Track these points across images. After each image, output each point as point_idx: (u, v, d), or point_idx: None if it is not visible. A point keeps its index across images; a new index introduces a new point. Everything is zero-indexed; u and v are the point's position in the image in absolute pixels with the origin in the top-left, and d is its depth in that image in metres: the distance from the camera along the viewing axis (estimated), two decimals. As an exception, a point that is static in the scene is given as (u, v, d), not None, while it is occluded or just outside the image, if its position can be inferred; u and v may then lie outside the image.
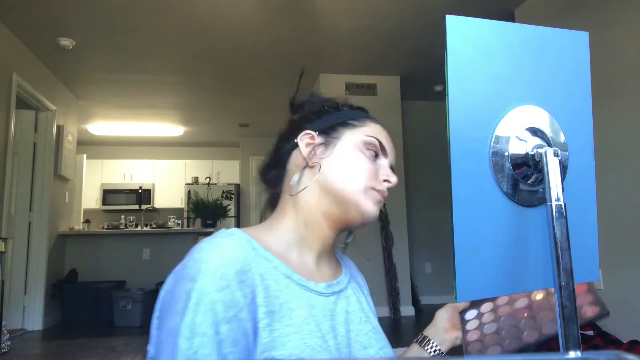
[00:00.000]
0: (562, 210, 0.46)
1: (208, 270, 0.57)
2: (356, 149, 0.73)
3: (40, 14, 3.80)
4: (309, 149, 0.74)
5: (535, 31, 0.52)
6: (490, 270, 0.48)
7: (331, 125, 0.75)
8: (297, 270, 0.69)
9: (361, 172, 0.72)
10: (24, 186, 4.65)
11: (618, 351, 0.31)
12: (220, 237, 0.63)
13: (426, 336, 0.87)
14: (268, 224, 0.74)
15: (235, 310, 0.57)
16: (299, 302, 0.64)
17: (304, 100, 0.83)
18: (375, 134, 0.76)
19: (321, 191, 0.72)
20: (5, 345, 3.60)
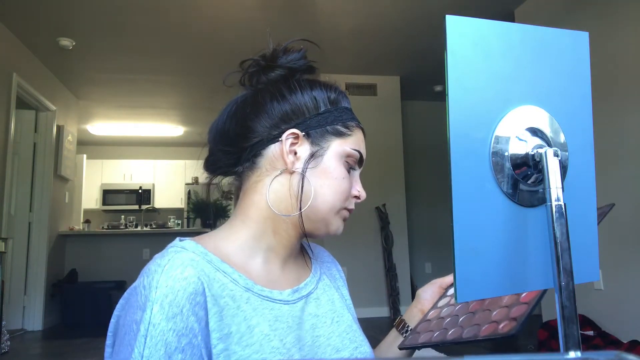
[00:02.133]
0: (562, 210, 0.46)
1: (157, 298, 0.54)
2: (340, 163, 0.68)
3: (40, 14, 3.80)
4: (292, 155, 0.67)
5: (535, 31, 0.52)
6: (490, 270, 0.48)
7: (322, 131, 0.69)
8: (260, 279, 0.65)
9: (341, 193, 0.68)
10: (24, 186, 4.66)
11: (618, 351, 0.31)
12: (171, 255, 0.58)
13: (403, 320, 0.84)
14: (229, 228, 0.68)
15: (189, 337, 0.54)
16: (261, 317, 0.61)
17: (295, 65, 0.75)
18: (359, 145, 0.71)
19: (296, 202, 0.66)
20: (5, 345, 3.60)
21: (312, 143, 0.68)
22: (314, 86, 0.72)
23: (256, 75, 0.74)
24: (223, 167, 0.72)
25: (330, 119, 0.70)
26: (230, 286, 0.60)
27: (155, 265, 0.57)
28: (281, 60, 0.75)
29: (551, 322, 3.21)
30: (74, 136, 5.69)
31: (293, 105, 0.69)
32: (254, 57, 0.75)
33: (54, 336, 4.43)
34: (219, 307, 0.58)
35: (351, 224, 5.04)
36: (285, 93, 0.70)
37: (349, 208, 0.70)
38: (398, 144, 5.33)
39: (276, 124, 0.68)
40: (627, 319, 2.89)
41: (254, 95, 0.72)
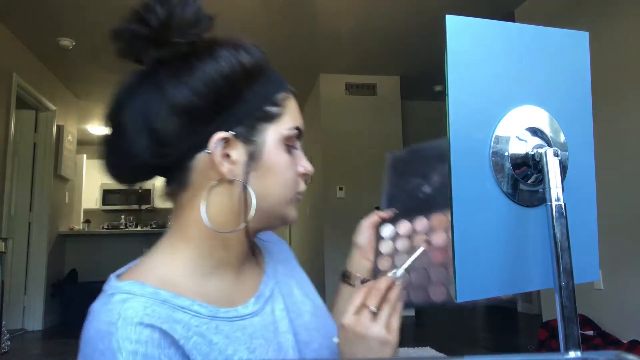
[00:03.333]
0: (562, 210, 0.46)
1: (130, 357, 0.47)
2: (281, 151, 0.59)
3: (40, 14, 3.80)
4: (226, 162, 0.56)
5: (535, 31, 0.52)
6: (490, 270, 0.48)
7: (251, 122, 0.57)
8: (221, 299, 0.58)
9: (290, 184, 0.60)
10: (24, 186, 4.65)
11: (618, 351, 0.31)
12: (117, 307, 0.50)
13: (347, 271, 0.80)
14: (169, 250, 0.58)
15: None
16: (236, 342, 0.55)
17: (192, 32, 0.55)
18: (295, 119, 0.60)
19: (243, 209, 0.57)
20: (5, 345, 3.60)
21: (246, 141, 0.56)
22: (220, 55, 0.56)
23: (141, 52, 0.57)
24: (138, 179, 0.60)
25: (257, 103, 0.57)
26: (194, 322, 0.53)
27: (106, 325, 0.49)
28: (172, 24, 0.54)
29: (551, 322, 3.21)
30: (74, 136, 5.69)
31: (207, 94, 0.54)
32: (130, 25, 0.56)
33: (54, 336, 4.43)
34: (191, 347, 0.51)
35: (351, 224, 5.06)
36: (196, 78, 0.54)
37: (302, 190, 0.62)
38: (398, 144, 5.32)
39: (196, 125, 0.55)
40: (627, 319, 2.89)
41: (152, 84, 0.56)
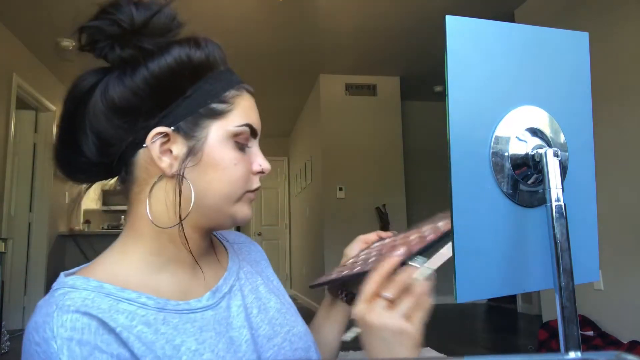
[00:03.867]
0: (562, 211, 0.46)
1: (60, 347, 0.46)
2: (226, 147, 0.58)
3: (40, 14, 3.80)
4: (166, 157, 0.56)
5: (535, 31, 0.52)
6: (490, 271, 0.48)
7: (193, 118, 0.56)
8: (173, 293, 0.58)
9: (236, 181, 0.58)
10: (24, 186, 4.66)
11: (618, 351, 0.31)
12: (58, 299, 0.50)
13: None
14: (120, 249, 0.59)
15: None
16: (184, 334, 0.54)
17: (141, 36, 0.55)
18: (247, 115, 0.60)
19: (187, 205, 0.57)
20: (5, 345, 3.60)
21: (186, 136, 0.56)
22: (170, 51, 0.56)
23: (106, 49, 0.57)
24: (91, 178, 0.62)
25: (202, 99, 0.57)
26: (140, 312, 0.53)
27: (41, 317, 0.48)
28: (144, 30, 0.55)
29: (551, 323, 3.21)
30: (74, 136, 5.69)
31: (149, 92, 0.55)
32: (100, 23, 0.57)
33: (54, 336, 4.43)
34: (134, 335, 0.51)
35: (351, 224, 5.04)
36: (137, 77, 0.55)
37: (253, 189, 0.61)
38: (398, 144, 5.33)
39: (135, 123, 0.56)
40: (627, 319, 2.89)
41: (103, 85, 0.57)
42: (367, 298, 0.51)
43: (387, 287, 0.50)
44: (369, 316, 0.50)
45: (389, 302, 0.50)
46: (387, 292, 0.50)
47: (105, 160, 0.58)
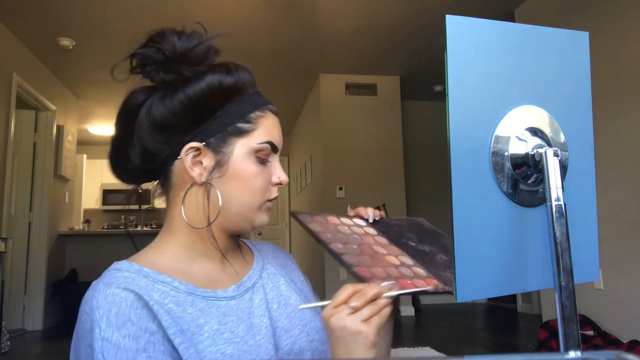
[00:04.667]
0: (562, 210, 0.46)
1: (101, 316, 0.56)
2: (249, 162, 0.67)
3: (40, 14, 3.80)
4: (197, 167, 0.66)
5: (535, 31, 0.52)
6: (490, 270, 0.48)
7: (222, 136, 0.66)
8: (203, 282, 0.67)
9: (256, 192, 0.67)
10: (24, 186, 4.65)
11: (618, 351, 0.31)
12: (106, 278, 0.61)
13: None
14: (159, 244, 0.69)
15: (146, 337, 0.57)
16: (208, 316, 0.63)
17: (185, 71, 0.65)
18: (269, 133, 0.68)
19: (213, 212, 0.67)
20: (5, 345, 3.60)
21: (215, 151, 0.66)
22: (205, 78, 0.65)
23: (152, 72, 0.66)
24: (137, 180, 0.74)
25: (230, 119, 0.66)
26: (172, 294, 0.62)
27: (92, 291, 0.59)
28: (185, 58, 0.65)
29: (551, 322, 3.22)
30: (74, 136, 5.69)
31: (184, 112, 0.65)
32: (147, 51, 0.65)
33: (54, 336, 4.43)
34: (165, 309, 0.60)
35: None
36: (175, 100, 0.65)
37: (271, 199, 0.70)
38: (398, 144, 5.33)
39: (172, 138, 0.66)
40: (627, 319, 2.89)
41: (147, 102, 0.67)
42: (335, 304, 0.58)
43: (356, 298, 0.58)
44: (332, 319, 0.57)
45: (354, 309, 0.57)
46: (354, 302, 0.57)
47: (148, 167, 0.69)
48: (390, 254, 0.76)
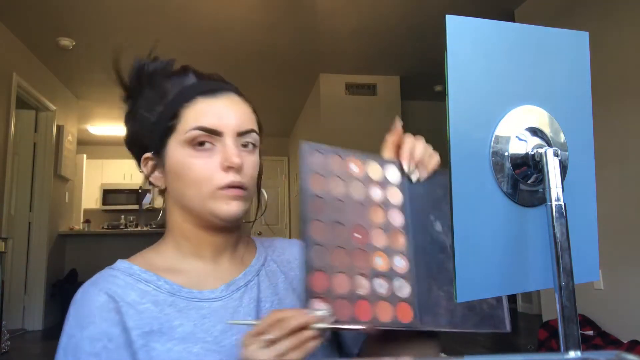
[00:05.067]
0: (562, 210, 0.46)
1: (72, 312, 0.61)
2: (184, 154, 0.65)
3: (40, 14, 3.80)
4: (157, 173, 0.70)
5: (535, 31, 0.52)
6: (490, 270, 0.48)
7: (159, 141, 0.68)
8: (191, 281, 0.67)
9: (198, 182, 0.65)
10: (24, 186, 4.65)
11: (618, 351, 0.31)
12: (95, 276, 0.65)
13: None
14: (159, 242, 0.73)
15: (104, 341, 0.59)
16: (185, 318, 0.63)
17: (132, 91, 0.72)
18: (196, 121, 0.65)
19: (179, 209, 0.69)
20: (5, 345, 3.60)
21: (159, 156, 0.68)
22: (146, 86, 0.70)
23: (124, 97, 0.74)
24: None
25: (163, 123, 0.67)
26: (152, 293, 0.64)
27: (80, 287, 0.65)
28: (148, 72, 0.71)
29: (551, 322, 3.21)
30: (74, 136, 5.69)
31: (138, 124, 0.70)
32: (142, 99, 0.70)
33: (54, 336, 4.42)
34: (136, 310, 0.62)
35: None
36: (131, 114, 0.71)
37: (222, 185, 0.64)
38: (398, 144, 5.32)
39: (138, 150, 0.71)
40: (627, 319, 2.89)
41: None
42: (252, 334, 0.54)
43: (275, 329, 0.52)
44: (246, 350, 0.53)
45: (271, 341, 0.52)
46: (271, 334, 0.52)
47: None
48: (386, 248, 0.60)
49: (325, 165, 0.61)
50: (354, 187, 0.62)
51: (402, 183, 0.65)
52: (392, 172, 0.65)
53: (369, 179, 0.63)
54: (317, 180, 0.59)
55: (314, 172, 0.59)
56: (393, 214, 0.63)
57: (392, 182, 0.65)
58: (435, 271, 0.62)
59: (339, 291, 0.56)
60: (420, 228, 0.63)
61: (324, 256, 0.57)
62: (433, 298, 0.60)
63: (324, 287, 0.55)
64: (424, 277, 0.61)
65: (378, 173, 0.64)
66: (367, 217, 0.61)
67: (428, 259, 0.62)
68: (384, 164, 0.65)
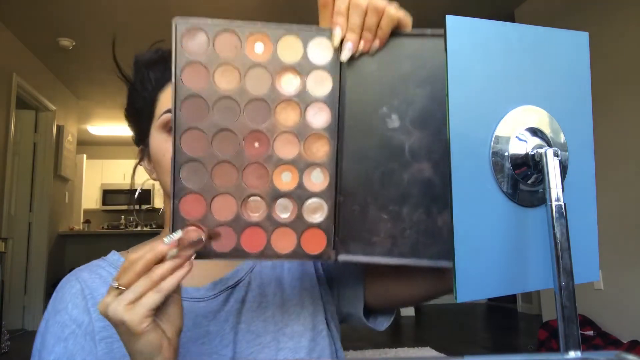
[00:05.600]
0: (562, 211, 0.46)
1: (52, 299, 0.62)
2: (161, 140, 0.63)
3: (40, 14, 3.80)
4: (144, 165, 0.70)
5: (535, 31, 0.52)
6: (490, 271, 0.48)
7: (145, 129, 0.66)
8: None
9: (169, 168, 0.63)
10: (24, 186, 4.65)
11: (618, 351, 0.31)
12: (83, 265, 0.66)
13: None
14: (155, 237, 0.71)
15: (73, 327, 0.59)
16: None
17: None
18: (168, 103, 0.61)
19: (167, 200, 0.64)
20: (5, 345, 3.60)
21: (144, 146, 0.68)
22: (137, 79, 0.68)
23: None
24: None
25: (146, 111, 0.65)
26: None
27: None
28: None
29: (551, 322, 3.21)
30: (74, 136, 5.69)
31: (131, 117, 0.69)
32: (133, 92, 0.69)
33: (54, 336, 4.42)
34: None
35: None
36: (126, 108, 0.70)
37: None
38: (398, 144, 5.32)
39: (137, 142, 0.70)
40: (627, 319, 2.89)
41: None
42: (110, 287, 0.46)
43: (121, 274, 0.45)
44: (104, 307, 0.45)
45: (117, 291, 0.44)
46: (118, 280, 0.45)
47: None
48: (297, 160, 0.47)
49: (210, 49, 0.47)
50: (253, 78, 0.46)
51: (334, 63, 0.47)
52: (319, 48, 0.47)
53: (279, 62, 0.46)
54: (195, 73, 0.45)
55: (192, 62, 0.45)
56: (313, 112, 0.47)
57: (318, 64, 0.47)
58: (377, 186, 0.47)
59: (220, 218, 0.46)
60: (362, 126, 0.47)
61: (200, 175, 0.46)
62: (368, 221, 0.47)
63: (198, 213, 0.45)
64: (356, 193, 0.47)
65: (295, 52, 0.46)
66: (272, 118, 0.46)
67: (367, 169, 0.47)
68: (310, 36, 0.46)
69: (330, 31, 0.46)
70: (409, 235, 0.47)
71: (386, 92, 0.47)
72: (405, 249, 0.48)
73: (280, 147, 0.46)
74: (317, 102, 0.46)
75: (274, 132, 0.46)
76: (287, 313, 0.66)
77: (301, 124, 0.46)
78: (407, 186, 0.46)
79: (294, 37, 0.46)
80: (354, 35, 0.46)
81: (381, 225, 0.47)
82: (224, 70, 0.45)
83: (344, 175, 0.47)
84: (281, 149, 0.46)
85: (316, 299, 0.68)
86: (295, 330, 0.64)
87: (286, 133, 0.46)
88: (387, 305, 0.70)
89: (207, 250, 0.46)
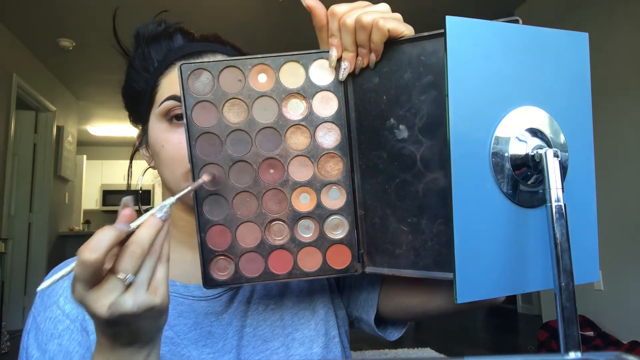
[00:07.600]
0: (562, 211, 0.46)
1: (40, 294, 0.57)
2: (160, 129, 0.58)
3: (40, 14, 3.80)
4: (142, 151, 0.66)
5: (535, 32, 0.52)
6: (490, 271, 0.48)
7: (145, 114, 0.62)
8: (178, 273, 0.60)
9: (172, 162, 0.57)
10: (24, 187, 4.65)
11: (618, 352, 0.30)
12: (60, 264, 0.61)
13: None
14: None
15: (67, 322, 0.55)
16: None
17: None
18: (170, 90, 0.58)
19: (166, 192, 0.63)
20: (5, 346, 3.60)
21: (144, 133, 0.64)
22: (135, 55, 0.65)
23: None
24: None
25: (148, 97, 0.61)
26: None
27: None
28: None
29: (551, 323, 3.21)
30: (73, 137, 5.69)
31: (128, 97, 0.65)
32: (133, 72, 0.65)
33: (54, 337, 4.43)
34: None
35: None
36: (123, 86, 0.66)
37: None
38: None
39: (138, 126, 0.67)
40: (627, 319, 2.89)
41: None
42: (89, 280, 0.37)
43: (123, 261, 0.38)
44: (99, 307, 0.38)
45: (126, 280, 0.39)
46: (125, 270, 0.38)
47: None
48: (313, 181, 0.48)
49: (216, 87, 0.47)
50: (260, 108, 0.47)
51: (336, 82, 0.48)
52: (320, 70, 0.48)
53: (283, 89, 0.47)
54: (205, 111, 0.47)
55: (200, 101, 0.47)
56: (322, 133, 0.48)
57: (321, 85, 0.48)
58: (393, 198, 0.48)
59: (246, 245, 0.48)
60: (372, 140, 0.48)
61: (222, 206, 0.47)
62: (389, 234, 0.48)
63: (225, 243, 0.47)
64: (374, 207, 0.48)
65: (298, 77, 0.48)
66: (283, 144, 0.48)
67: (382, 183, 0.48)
68: (311, 60, 0.48)
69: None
70: (431, 247, 0.47)
71: (391, 104, 0.47)
72: (429, 261, 0.47)
73: (294, 170, 0.48)
74: (326, 122, 0.48)
75: (287, 157, 0.48)
76: (296, 317, 0.62)
77: (312, 145, 0.48)
78: (422, 197, 0.46)
79: (294, 63, 0.48)
80: (349, 54, 0.47)
81: (402, 238, 0.48)
82: (231, 104, 0.47)
83: (360, 190, 0.49)
84: (296, 172, 0.48)
85: (327, 302, 0.64)
86: (306, 336, 0.61)
87: (299, 156, 0.48)
88: (400, 315, 0.66)
89: (238, 276, 0.49)
